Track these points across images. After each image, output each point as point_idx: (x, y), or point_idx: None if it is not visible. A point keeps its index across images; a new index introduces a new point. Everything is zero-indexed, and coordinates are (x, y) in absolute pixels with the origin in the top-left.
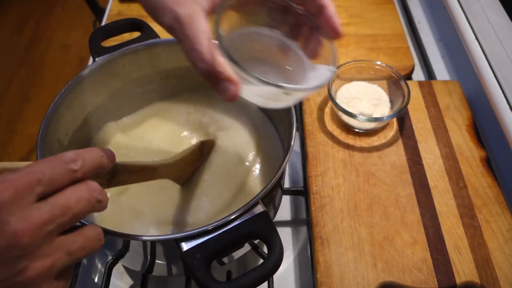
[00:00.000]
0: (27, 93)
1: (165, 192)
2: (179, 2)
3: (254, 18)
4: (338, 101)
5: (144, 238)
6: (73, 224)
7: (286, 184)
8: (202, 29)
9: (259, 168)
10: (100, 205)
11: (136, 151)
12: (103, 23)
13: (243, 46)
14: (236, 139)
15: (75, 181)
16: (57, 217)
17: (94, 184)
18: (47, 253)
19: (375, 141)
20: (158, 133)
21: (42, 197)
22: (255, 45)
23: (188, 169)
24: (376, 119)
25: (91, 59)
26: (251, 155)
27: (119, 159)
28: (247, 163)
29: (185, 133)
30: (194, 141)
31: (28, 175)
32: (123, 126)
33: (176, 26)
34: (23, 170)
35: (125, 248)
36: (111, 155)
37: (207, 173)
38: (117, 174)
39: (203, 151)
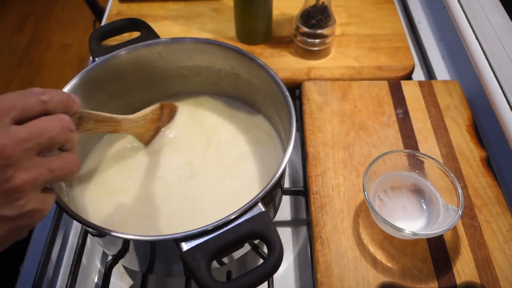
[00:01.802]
0: None
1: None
2: None
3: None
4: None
5: (144, 238)
6: (50, 148)
7: (286, 184)
8: None
9: (259, 168)
10: (72, 136)
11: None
12: (103, 23)
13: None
14: (235, 139)
15: (47, 114)
16: (35, 136)
17: (65, 116)
18: (30, 166)
19: (375, 141)
20: None
21: (18, 123)
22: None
23: (150, 126)
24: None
25: (91, 59)
26: (250, 154)
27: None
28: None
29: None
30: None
31: (1, 100)
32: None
33: None
34: None
35: (125, 248)
36: (77, 99)
37: (204, 174)
38: (83, 121)
39: (164, 111)
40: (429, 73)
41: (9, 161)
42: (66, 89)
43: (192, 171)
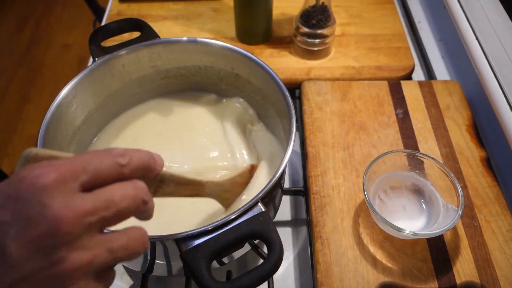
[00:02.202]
0: (27, 93)
1: None
2: None
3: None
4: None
5: None
6: (116, 222)
7: (286, 184)
8: None
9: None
10: (145, 207)
11: None
12: (103, 23)
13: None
14: (234, 139)
15: (122, 179)
16: (100, 209)
17: (141, 184)
18: (87, 246)
19: (375, 141)
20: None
21: (87, 189)
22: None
23: (236, 190)
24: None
25: (91, 59)
26: (250, 154)
27: None
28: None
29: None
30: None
31: (73, 162)
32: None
33: None
34: (69, 158)
35: None
36: (159, 159)
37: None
38: (164, 183)
39: (252, 174)
40: (429, 73)
41: (64, 239)
42: (66, 89)
43: (192, 170)
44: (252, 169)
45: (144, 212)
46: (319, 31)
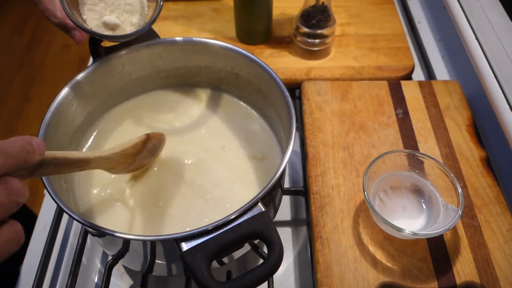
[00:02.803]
0: (27, 93)
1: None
2: None
3: None
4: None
5: (144, 238)
6: None
7: (286, 184)
8: None
9: (258, 168)
10: (18, 207)
11: None
12: None
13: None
14: (234, 139)
15: None
16: None
17: (15, 184)
18: None
19: (375, 141)
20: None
21: None
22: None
23: (125, 160)
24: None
25: (91, 59)
26: (250, 154)
27: None
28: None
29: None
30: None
31: None
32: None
33: None
34: None
35: (125, 248)
36: (40, 148)
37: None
38: (42, 166)
39: (147, 145)
40: (429, 73)
41: None
42: (66, 89)
43: (192, 170)
44: (146, 140)
45: (16, 209)
46: (319, 31)
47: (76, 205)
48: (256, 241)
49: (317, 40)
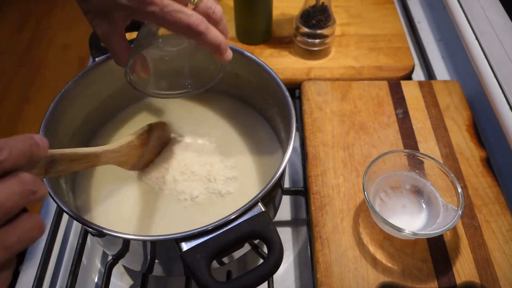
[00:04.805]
0: (27, 93)
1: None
2: None
3: None
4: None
5: (144, 238)
6: (6, 218)
7: (286, 184)
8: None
9: (259, 167)
10: (36, 196)
11: None
12: None
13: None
14: (234, 139)
15: (5, 173)
16: None
17: (26, 176)
18: None
19: (375, 141)
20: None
21: None
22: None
23: (134, 153)
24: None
25: (91, 59)
26: (250, 154)
27: None
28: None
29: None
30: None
31: None
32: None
33: None
34: None
35: (125, 248)
36: (43, 142)
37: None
38: (55, 163)
39: (152, 134)
40: (429, 73)
41: None
42: (66, 89)
43: (192, 170)
44: (149, 130)
45: (36, 200)
46: (319, 31)
47: (76, 205)
48: (256, 241)
49: (317, 40)
